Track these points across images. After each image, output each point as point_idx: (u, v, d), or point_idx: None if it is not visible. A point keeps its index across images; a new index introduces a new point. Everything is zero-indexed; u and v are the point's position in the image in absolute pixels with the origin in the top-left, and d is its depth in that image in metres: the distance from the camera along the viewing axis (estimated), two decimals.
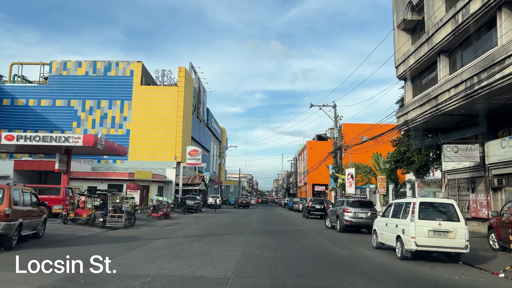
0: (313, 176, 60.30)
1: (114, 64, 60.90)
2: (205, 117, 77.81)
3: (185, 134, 60.63)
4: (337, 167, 38.07)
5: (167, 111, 59.84)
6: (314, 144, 65.08)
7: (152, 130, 59.37)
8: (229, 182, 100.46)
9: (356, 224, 23.08)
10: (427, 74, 25.09)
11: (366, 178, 53.52)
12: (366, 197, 27.41)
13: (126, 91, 60.35)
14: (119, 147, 38.48)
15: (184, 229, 22.94)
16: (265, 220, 33.12)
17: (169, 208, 32.09)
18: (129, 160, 58.90)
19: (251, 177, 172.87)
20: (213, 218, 33.11)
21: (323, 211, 36.00)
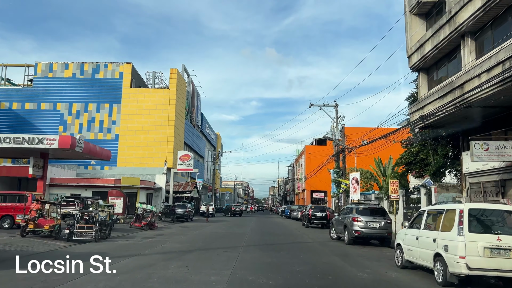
0: (312, 183, 56.72)
1: (102, 65, 57.34)
2: (199, 122, 74.25)
3: (177, 139, 57.00)
4: (339, 172, 34.53)
5: (158, 115, 56.27)
6: (313, 149, 61.63)
7: (142, 134, 55.75)
8: (224, 189, 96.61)
9: (367, 235, 19.51)
10: (446, 62, 21.65)
11: (368, 184, 50.06)
12: (378, 204, 23.68)
13: (115, 94, 56.77)
14: (102, 150, 34.81)
15: (166, 242, 19.27)
16: (261, 230, 29.47)
17: (154, 217, 28.37)
18: (118, 166, 55.20)
19: (247, 184, 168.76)
20: (204, 228, 29.43)
21: (325, 219, 32.45)
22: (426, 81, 23.18)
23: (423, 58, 22.25)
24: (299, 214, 44.85)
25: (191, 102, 67.97)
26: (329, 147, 59.08)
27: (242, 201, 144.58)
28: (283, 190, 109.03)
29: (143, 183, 44.55)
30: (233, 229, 28.57)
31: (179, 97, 58.84)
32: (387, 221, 19.62)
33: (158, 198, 47.02)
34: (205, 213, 40.43)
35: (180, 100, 59.01)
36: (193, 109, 69.01)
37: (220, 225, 33.83)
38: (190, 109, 67.55)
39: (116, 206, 32.10)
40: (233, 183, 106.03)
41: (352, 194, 30.44)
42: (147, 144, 55.36)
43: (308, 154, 59.04)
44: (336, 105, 35.69)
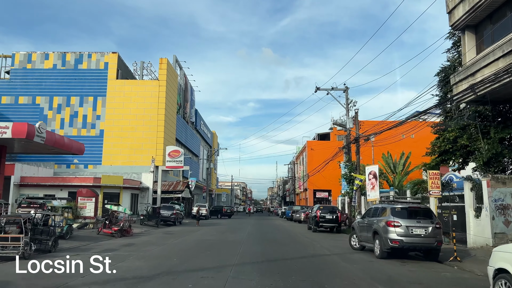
0: (315, 181, 50.94)
1: (86, 55, 51.43)
2: (193, 118, 68.35)
3: (168, 135, 51.11)
4: (352, 165, 28.67)
5: (147, 109, 50.38)
6: (315, 144, 56.01)
7: (129, 130, 49.86)
8: (221, 190, 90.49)
9: (409, 246, 13.65)
10: (506, 11, 15.88)
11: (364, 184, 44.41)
12: (422, 203, 17.55)
13: (99, 86, 50.88)
14: (72, 142, 28.89)
15: (127, 258, 13.31)
16: (261, 235, 23.55)
17: (128, 221, 22.43)
18: (103, 164, 49.25)
19: (244, 185, 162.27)
20: (190, 234, 23.52)
21: (336, 222, 26.57)
22: (474, 40, 17.36)
23: (472, 11, 16.45)
24: (303, 216, 39.00)
25: (184, 97, 62.06)
26: (333, 142, 53.24)
27: (240, 202, 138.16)
28: (282, 191, 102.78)
29: (127, 182, 38.59)
30: (225, 236, 22.63)
31: (170, 89, 52.96)
32: (435, 225, 13.70)
33: (145, 198, 41.07)
34: (196, 215, 34.45)
35: (171, 93, 53.14)
36: (186, 104, 63.11)
37: (212, 229, 27.89)
38: (183, 104, 61.63)
39: (87, 207, 26.19)
40: (231, 183, 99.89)
41: (370, 191, 24.60)
42: (135, 140, 49.49)
43: (311, 150, 53.05)
44: (346, 88, 29.86)
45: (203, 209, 43.79)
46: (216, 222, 38.63)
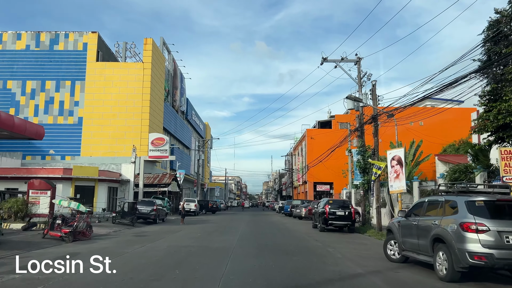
0: (315, 173, 45.48)
1: (62, 35, 45.54)
2: (184, 108, 62.61)
3: (154, 123, 45.45)
4: (365, 150, 23.12)
5: (130, 94, 44.70)
6: (315, 133, 50.71)
7: (110, 117, 44.17)
8: (214, 184, 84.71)
9: (505, 263, 8.26)
10: None
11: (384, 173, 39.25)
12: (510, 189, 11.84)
13: (78, 69, 45.08)
14: (25, 123, 23.23)
15: (45, 284, 7.86)
16: (257, 238, 17.93)
17: (84, 221, 16.82)
18: (81, 156, 43.54)
19: (239, 179, 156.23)
20: (167, 237, 17.93)
21: (348, 219, 21.07)
22: None
23: None
24: (304, 211, 33.54)
25: (173, 83, 56.31)
26: (335, 130, 47.75)
27: (235, 197, 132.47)
28: (278, 184, 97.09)
29: (103, 174, 32.93)
30: (211, 239, 17.03)
31: (156, 73, 47.25)
32: None
33: (125, 192, 35.45)
34: (188, 211, 28.53)
35: (157, 77, 47.43)
36: (175, 92, 57.35)
37: (197, 229, 22.25)
38: (171, 91, 55.89)
39: (40, 203, 20.54)
40: (224, 177, 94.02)
41: (393, 181, 19.14)
42: (117, 129, 43.82)
43: (310, 140, 47.48)
44: (358, 60, 24.31)
45: (192, 204, 38.20)
46: (205, 219, 33.07)
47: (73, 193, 31.44)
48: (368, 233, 20.11)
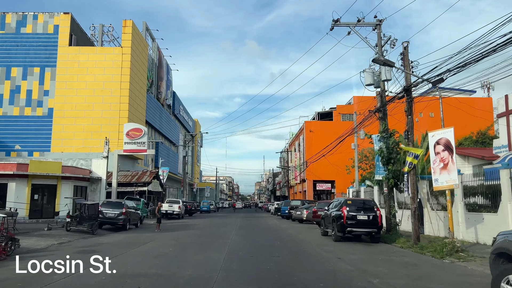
0: (315, 170, 39.91)
1: (30, 17, 39.55)
2: (170, 101, 56.82)
3: (135, 115, 39.67)
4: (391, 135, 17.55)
5: (107, 82, 38.87)
6: (315, 125, 44.59)
7: (85, 109, 38.31)
8: (204, 184, 78.54)
9: None
10: None
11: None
12: None
13: (48, 55, 39.13)
14: None
15: None
16: (253, 255, 12.12)
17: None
18: (52, 151, 37.62)
19: (231, 179, 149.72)
20: (123, 253, 12.19)
21: (374, 225, 15.49)
22: None
23: None
24: (305, 213, 27.96)
25: (158, 74, 50.56)
26: (337, 122, 42.30)
27: (226, 198, 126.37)
28: (271, 184, 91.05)
29: (68, 170, 27.05)
30: (184, 258, 11.22)
31: (138, 60, 41.49)
32: None
33: (96, 193, 29.60)
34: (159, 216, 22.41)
35: (138, 65, 41.67)
36: (161, 83, 51.57)
37: (171, 240, 16.35)
38: (156, 82, 50.14)
39: None
40: (215, 177, 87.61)
41: (438, 173, 13.66)
42: (92, 121, 37.98)
43: (309, 133, 41.82)
44: (378, 23, 18.84)
45: (175, 206, 32.40)
46: (189, 224, 27.29)
47: (29, 194, 25.61)
48: (399, 244, 14.61)
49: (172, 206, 32.52)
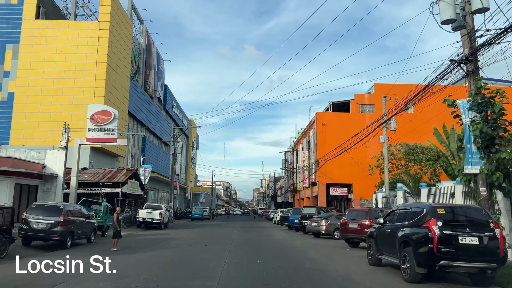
0: (328, 172, 32.18)
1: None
2: (161, 94, 49.32)
3: (113, 102, 32.13)
4: (493, 100, 10.20)
5: (80, 62, 31.42)
6: (329, 118, 35.29)
7: (53, 94, 30.86)
8: (199, 189, 70.09)
9: None
10: None
11: (430, 169, 26.78)
12: None
13: (9, 29, 31.73)
14: None
15: None
16: None
17: None
18: (10, 144, 29.91)
19: (228, 184, 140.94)
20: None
21: (491, 254, 7.95)
22: None
23: None
24: (323, 225, 20.32)
25: (146, 61, 43.11)
26: (355, 114, 34.82)
27: (223, 204, 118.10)
28: (272, 189, 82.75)
29: (5, 163, 19.41)
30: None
31: (119, 39, 34.06)
32: None
33: (50, 194, 21.95)
34: (118, 228, 14.30)
35: (120, 45, 34.23)
36: (149, 72, 44.07)
37: (107, 279, 8.78)
38: (144, 70, 42.68)
39: None
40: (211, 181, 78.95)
41: None
42: (61, 109, 30.50)
43: (322, 127, 34.11)
44: None
45: (155, 212, 24.69)
46: (168, 238, 19.48)
47: None
48: None
49: (152, 212, 24.86)
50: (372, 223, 15.12)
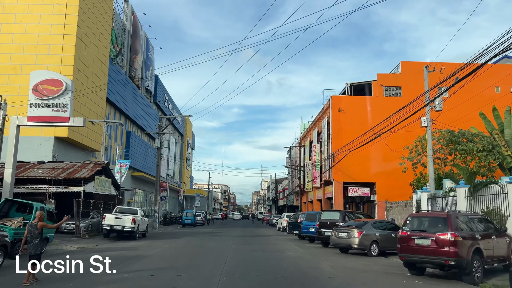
0: (345, 168, 25.48)
1: None
2: (150, 85, 42.94)
3: (85, 84, 25.83)
4: None
5: (44, 35, 25.07)
6: (347, 103, 28.23)
7: (9, 72, 24.50)
8: (194, 191, 63.10)
9: None
10: None
11: (484, 161, 20.72)
12: None
13: None
14: None
15: None
16: None
17: None
18: None
19: (227, 188, 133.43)
20: None
21: None
22: None
23: None
24: (357, 236, 13.91)
25: (131, 45, 36.83)
26: (378, 98, 28.45)
27: (221, 208, 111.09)
28: (273, 192, 75.78)
29: None
30: None
31: (94, 11, 27.71)
32: None
33: None
34: (30, 250, 8.44)
35: (95, 17, 27.90)
36: (135, 58, 37.72)
37: None
38: (128, 54, 36.40)
39: None
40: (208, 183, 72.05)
41: None
42: (19, 91, 23.90)
43: (338, 113, 27.40)
44: None
45: (127, 218, 18.27)
46: (133, 256, 13.01)
47: None
48: None
49: (122, 218, 18.40)
50: (457, 238, 8.83)
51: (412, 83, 26.21)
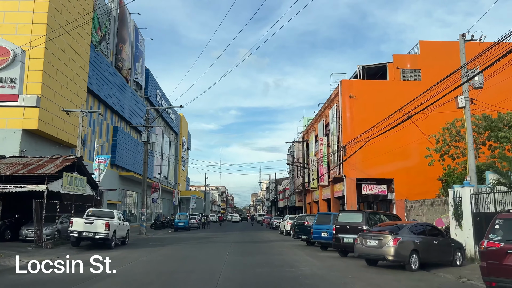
0: (359, 163, 22.09)
1: None
2: (140, 78, 39.31)
3: (61, 71, 22.25)
4: None
5: (10, 13, 21.38)
6: (359, 88, 24.40)
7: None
8: (190, 192, 59.14)
9: None
10: None
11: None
12: None
13: None
14: None
15: None
16: None
17: None
18: None
19: (225, 189, 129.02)
20: None
21: None
22: None
23: None
24: (391, 246, 10.36)
25: (118, 32, 33.25)
26: (393, 82, 24.91)
27: (219, 210, 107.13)
28: (273, 193, 71.91)
29: None
30: None
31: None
32: None
33: None
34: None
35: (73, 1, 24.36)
36: (122, 47, 34.11)
37: None
38: (115, 43, 32.83)
39: None
40: (204, 184, 68.25)
41: None
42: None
43: (349, 100, 23.29)
44: None
45: (99, 223, 14.70)
46: (87, 277, 9.55)
47: None
48: None
49: (93, 223, 14.77)
50: None
51: (433, 65, 22.70)
